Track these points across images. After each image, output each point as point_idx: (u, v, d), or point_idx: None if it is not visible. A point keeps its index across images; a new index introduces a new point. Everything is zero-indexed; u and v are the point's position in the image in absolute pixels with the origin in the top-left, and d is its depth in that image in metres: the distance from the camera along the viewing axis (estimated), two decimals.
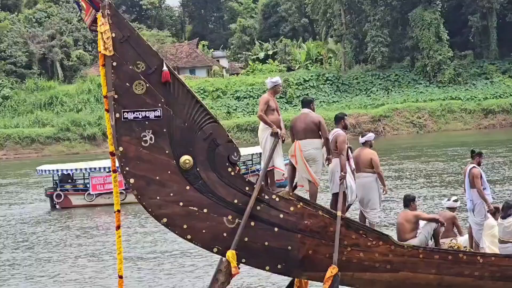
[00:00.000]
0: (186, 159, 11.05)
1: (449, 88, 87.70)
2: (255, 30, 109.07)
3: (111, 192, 31.97)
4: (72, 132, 78.58)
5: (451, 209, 13.76)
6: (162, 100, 10.99)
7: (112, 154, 11.36)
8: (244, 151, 33.89)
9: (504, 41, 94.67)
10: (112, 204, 11.63)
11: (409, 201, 13.20)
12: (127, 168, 10.99)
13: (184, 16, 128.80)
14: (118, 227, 11.48)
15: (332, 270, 11.23)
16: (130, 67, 10.88)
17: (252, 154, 36.45)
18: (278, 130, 11.69)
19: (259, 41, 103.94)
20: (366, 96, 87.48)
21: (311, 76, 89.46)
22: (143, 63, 10.94)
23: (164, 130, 11.00)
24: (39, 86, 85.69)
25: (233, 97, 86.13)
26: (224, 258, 11.09)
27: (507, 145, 51.61)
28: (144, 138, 11.00)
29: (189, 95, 11.15)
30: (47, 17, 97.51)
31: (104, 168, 33.74)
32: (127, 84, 10.90)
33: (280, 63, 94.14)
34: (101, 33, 10.83)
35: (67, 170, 35.06)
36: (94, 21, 11.01)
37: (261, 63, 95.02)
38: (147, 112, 10.99)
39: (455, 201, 13.93)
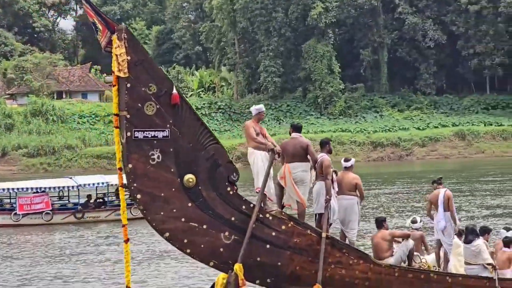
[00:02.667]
0: (189, 177, 11.97)
1: (340, 120, 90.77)
2: None
3: (39, 213, 32.97)
4: None
5: (418, 229, 15.20)
6: (170, 121, 11.90)
7: (120, 169, 12.19)
8: None
9: (394, 76, 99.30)
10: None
11: (381, 222, 14.64)
12: (135, 184, 11.86)
13: (77, 40, 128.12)
14: (126, 241, 12.27)
15: None
16: (143, 89, 11.75)
17: None
18: (274, 146, 12.78)
19: None
20: None
21: (204, 104, 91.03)
22: (154, 85, 11.83)
23: (171, 149, 11.91)
24: None
25: None
26: (232, 272, 12.03)
27: (397, 177, 54.24)
28: (152, 157, 11.86)
29: (195, 117, 12.17)
30: None
31: (32, 188, 34.33)
32: (139, 104, 11.76)
33: None
34: (116, 55, 11.71)
35: None
36: (109, 42, 11.87)
37: None
38: (156, 132, 11.87)
39: (420, 221, 15.40)
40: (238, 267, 12.04)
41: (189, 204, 12.04)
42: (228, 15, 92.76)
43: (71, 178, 37.18)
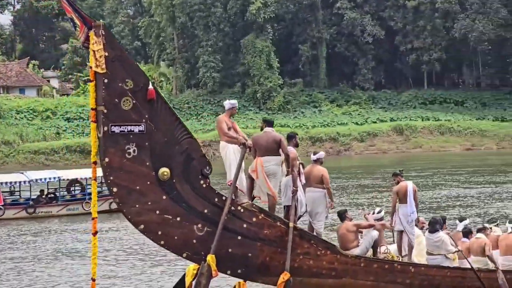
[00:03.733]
0: (164, 171, 12.45)
1: (278, 115, 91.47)
2: (87, 51, 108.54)
3: None
4: None
5: (379, 219, 15.91)
6: (146, 116, 12.36)
7: (94, 163, 12.62)
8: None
9: (333, 71, 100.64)
10: None
11: (343, 214, 15.29)
12: (111, 178, 12.31)
13: (14, 34, 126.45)
14: (95, 233, 12.69)
15: (284, 276, 12.93)
16: (120, 84, 12.17)
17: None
18: (245, 141, 13.35)
19: None
20: (197, 121, 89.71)
21: None
22: (131, 81, 12.25)
23: (147, 143, 12.37)
24: None
25: (63, 118, 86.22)
26: (205, 263, 12.55)
27: (336, 172, 55.23)
28: (128, 151, 12.31)
29: (170, 112, 12.66)
30: None
31: None
32: (116, 100, 12.19)
33: None
34: (94, 51, 12.14)
35: None
36: (87, 38, 12.29)
37: None
38: (132, 127, 12.31)
39: (379, 212, 16.10)
40: (210, 258, 12.53)
41: (164, 197, 12.50)
42: (167, 10, 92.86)
43: (22, 173, 37.31)
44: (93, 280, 12.82)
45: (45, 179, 35.98)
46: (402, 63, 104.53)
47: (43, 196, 36.25)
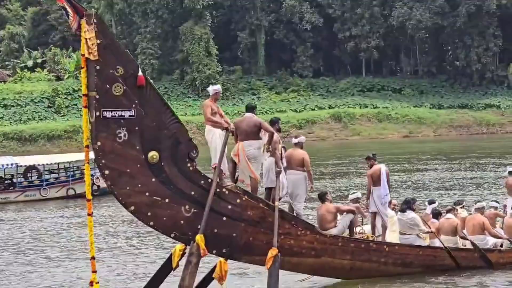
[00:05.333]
0: (153, 154, 13.08)
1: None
2: (24, 37, 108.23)
3: None
4: None
5: (356, 200, 16.80)
6: (136, 102, 12.96)
7: (87, 147, 13.25)
8: (78, 156, 35.82)
9: (271, 58, 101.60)
10: None
11: (324, 196, 16.12)
12: (103, 161, 12.92)
13: None
14: (89, 214, 13.33)
15: (273, 252, 13.69)
16: (111, 71, 12.76)
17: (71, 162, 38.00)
18: (228, 124, 14.10)
19: (28, 49, 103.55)
20: None
21: (80, 86, 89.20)
22: (122, 67, 12.85)
23: (136, 128, 12.98)
24: None
25: (0, 105, 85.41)
26: (194, 243, 13.25)
27: None
28: (119, 135, 12.91)
29: (159, 98, 13.33)
30: None
31: None
32: (107, 86, 12.78)
33: (49, 72, 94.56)
34: (86, 38, 12.74)
35: None
36: (79, 26, 12.88)
37: (29, 72, 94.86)
38: (123, 112, 12.92)
39: (355, 193, 17.01)
40: (199, 238, 13.24)
41: (153, 180, 13.13)
42: None
43: None
44: (93, 258, 13.39)
45: (2, 165, 35.94)
46: (340, 51, 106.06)
47: (0, 182, 36.45)
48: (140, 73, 13.05)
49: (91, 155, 13.22)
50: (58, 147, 78.65)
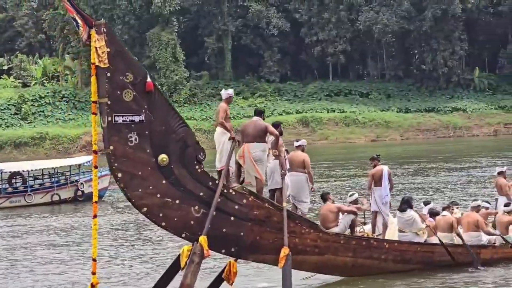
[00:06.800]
0: (163, 157, 13.70)
1: (185, 108, 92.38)
2: None
3: None
4: None
5: (355, 201, 17.48)
6: (146, 107, 13.59)
7: (95, 152, 13.86)
8: (63, 162, 36.23)
9: (238, 63, 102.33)
10: None
11: (326, 196, 16.80)
12: (116, 164, 13.49)
13: None
14: (95, 216, 13.85)
15: (285, 251, 14.35)
16: (121, 77, 13.40)
17: (70, 166, 38.43)
18: (235, 136, 14.78)
19: None
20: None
21: (47, 93, 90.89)
22: (131, 74, 13.50)
23: (146, 132, 13.59)
24: None
25: None
26: (197, 243, 13.83)
27: None
28: (130, 139, 13.51)
29: (166, 103, 13.96)
30: None
31: None
32: (118, 92, 13.40)
33: (16, 79, 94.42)
34: (96, 47, 13.35)
35: None
36: (89, 36, 13.48)
37: None
38: (133, 117, 13.54)
39: (352, 195, 17.66)
40: (202, 239, 13.82)
41: (163, 182, 13.73)
42: None
43: None
44: (94, 260, 13.93)
45: None
46: (307, 55, 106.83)
47: None
48: (148, 79, 13.69)
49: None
50: (25, 154, 78.67)
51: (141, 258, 20.87)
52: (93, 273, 13.77)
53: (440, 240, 16.59)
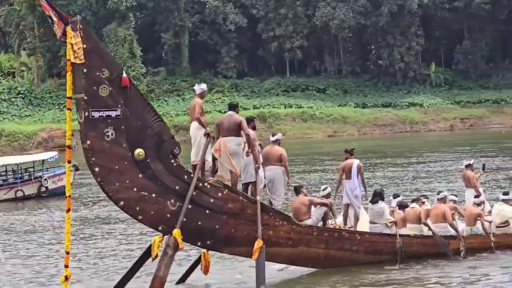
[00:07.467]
0: (139, 151, 13.98)
1: None
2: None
3: None
4: None
5: (328, 195, 17.83)
6: (121, 102, 13.86)
7: (68, 147, 14.23)
8: (26, 158, 36.20)
9: (196, 59, 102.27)
10: None
11: (299, 189, 17.14)
12: (93, 159, 13.75)
13: None
14: (68, 210, 14.06)
15: (259, 243, 14.69)
16: (97, 73, 13.67)
17: (34, 162, 38.32)
18: (211, 131, 15.10)
19: None
20: (59, 110, 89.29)
21: (3, 89, 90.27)
22: (107, 70, 13.76)
23: (123, 127, 13.86)
24: None
25: None
26: (171, 236, 14.11)
27: None
28: (106, 134, 13.78)
29: (142, 98, 14.24)
30: None
31: None
32: (94, 87, 13.66)
33: None
34: (72, 44, 13.58)
35: None
36: (64, 33, 13.71)
37: None
38: (109, 112, 13.80)
39: (325, 189, 18.00)
40: (176, 232, 14.15)
41: (140, 176, 14.03)
42: None
43: None
44: (67, 253, 14.13)
45: None
46: (264, 51, 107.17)
47: None
48: (124, 74, 13.94)
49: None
50: None
51: (112, 251, 21.04)
52: (66, 266, 13.98)
53: (429, 232, 17.01)
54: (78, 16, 13.94)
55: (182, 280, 16.19)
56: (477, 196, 18.79)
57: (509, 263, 17.10)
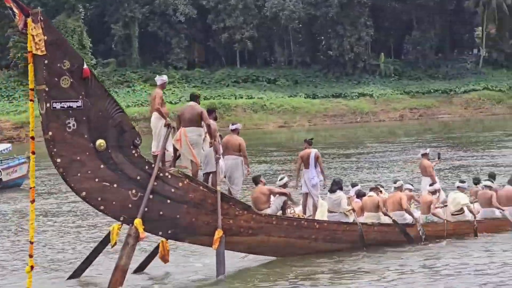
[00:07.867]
0: (100, 142, 14.15)
1: None
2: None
3: None
4: None
5: (285, 185, 18.09)
6: (83, 93, 13.99)
7: (32, 138, 14.20)
8: None
9: (146, 50, 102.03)
10: None
11: (257, 179, 17.38)
12: (54, 150, 13.88)
13: None
14: (32, 201, 14.15)
15: (219, 233, 14.95)
16: (58, 65, 13.78)
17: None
18: (171, 122, 15.27)
19: None
20: (9, 102, 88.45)
21: None
22: (68, 61, 13.87)
23: (84, 118, 14.01)
24: None
25: None
26: (132, 225, 14.30)
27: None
28: (68, 125, 13.91)
29: (103, 89, 14.38)
30: None
31: None
32: (55, 79, 13.77)
33: None
34: (33, 35, 13.68)
35: None
36: (25, 25, 13.80)
37: None
38: (71, 103, 13.94)
39: (282, 179, 18.26)
40: (138, 222, 14.34)
41: (101, 166, 14.21)
42: None
43: None
44: (31, 243, 14.24)
45: None
46: (215, 42, 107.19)
47: None
48: (85, 66, 14.07)
49: None
50: None
51: (73, 242, 21.09)
52: (30, 256, 14.11)
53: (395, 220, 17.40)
54: (38, 8, 13.93)
55: (141, 268, 16.39)
56: (431, 185, 19.23)
57: (461, 249, 17.53)
